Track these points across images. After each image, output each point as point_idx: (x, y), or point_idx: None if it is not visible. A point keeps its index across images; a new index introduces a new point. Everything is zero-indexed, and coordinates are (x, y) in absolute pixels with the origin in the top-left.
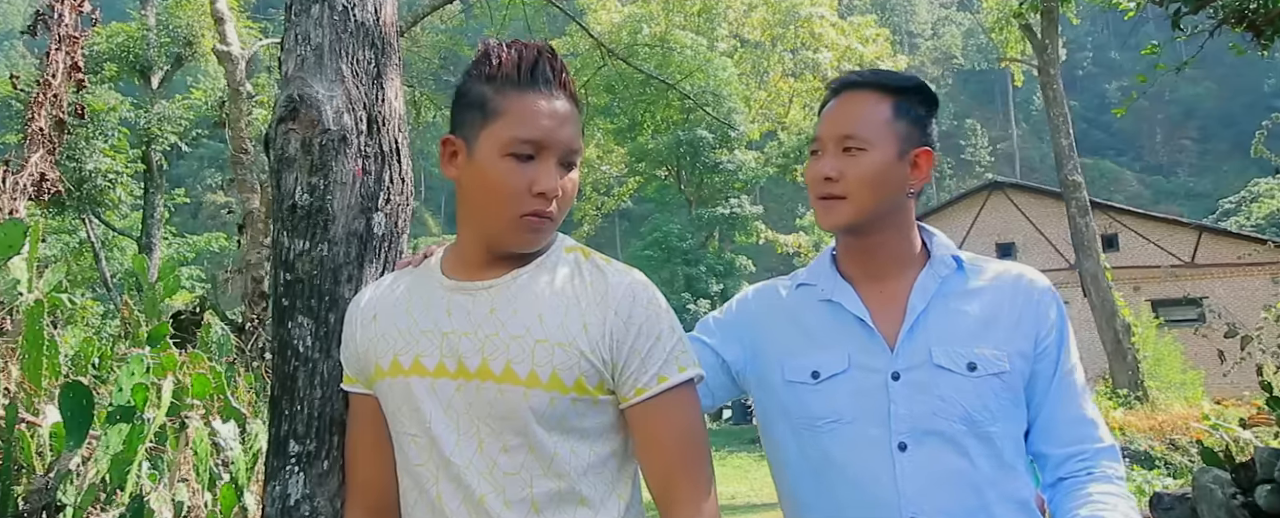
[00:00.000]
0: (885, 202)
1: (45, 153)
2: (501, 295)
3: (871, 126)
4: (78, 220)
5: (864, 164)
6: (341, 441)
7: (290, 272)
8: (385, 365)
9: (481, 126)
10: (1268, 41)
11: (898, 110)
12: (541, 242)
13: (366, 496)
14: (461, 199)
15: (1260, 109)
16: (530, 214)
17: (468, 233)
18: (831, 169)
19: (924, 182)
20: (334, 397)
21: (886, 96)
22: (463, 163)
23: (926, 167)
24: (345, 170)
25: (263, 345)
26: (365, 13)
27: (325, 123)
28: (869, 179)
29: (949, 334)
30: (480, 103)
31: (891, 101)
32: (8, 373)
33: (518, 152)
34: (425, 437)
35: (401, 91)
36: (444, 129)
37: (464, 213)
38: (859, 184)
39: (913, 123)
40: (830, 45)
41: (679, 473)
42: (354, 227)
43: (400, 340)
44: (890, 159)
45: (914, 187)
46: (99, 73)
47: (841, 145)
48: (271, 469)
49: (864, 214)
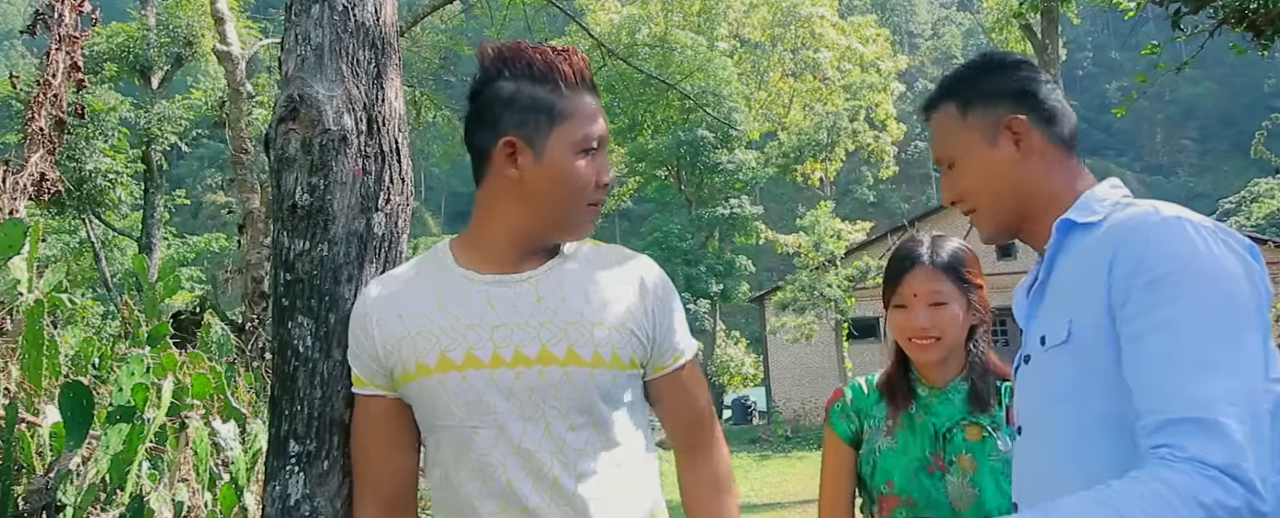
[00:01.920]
0: (1010, 194)
1: (45, 153)
2: (544, 285)
3: (952, 140)
4: (78, 220)
5: (966, 176)
6: (341, 440)
7: (290, 272)
8: (430, 363)
9: (551, 128)
10: (1268, 41)
11: (965, 107)
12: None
13: (378, 493)
14: (520, 197)
15: (1260, 109)
16: (594, 204)
17: (508, 227)
18: (951, 193)
19: (1035, 147)
20: (334, 397)
21: (951, 102)
22: (528, 163)
23: (1025, 131)
24: (345, 170)
25: (263, 345)
26: (365, 13)
27: (325, 123)
28: (978, 185)
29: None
30: (546, 107)
31: (956, 103)
32: (8, 373)
33: (588, 148)
34: (492, 427)
35: (401, 91)
36: (444, 129)
37: (516, 209)
38: (975, 194)
39: (987, 103)
40: (830, 45)
41: (707, 425)
42: (354, 227)
43: (444, 337)
44: (983, 155)
45: (1029, 157)
46: (99, 73)
47: (944, 166)
48: (271, 469)
49: (998, 215)
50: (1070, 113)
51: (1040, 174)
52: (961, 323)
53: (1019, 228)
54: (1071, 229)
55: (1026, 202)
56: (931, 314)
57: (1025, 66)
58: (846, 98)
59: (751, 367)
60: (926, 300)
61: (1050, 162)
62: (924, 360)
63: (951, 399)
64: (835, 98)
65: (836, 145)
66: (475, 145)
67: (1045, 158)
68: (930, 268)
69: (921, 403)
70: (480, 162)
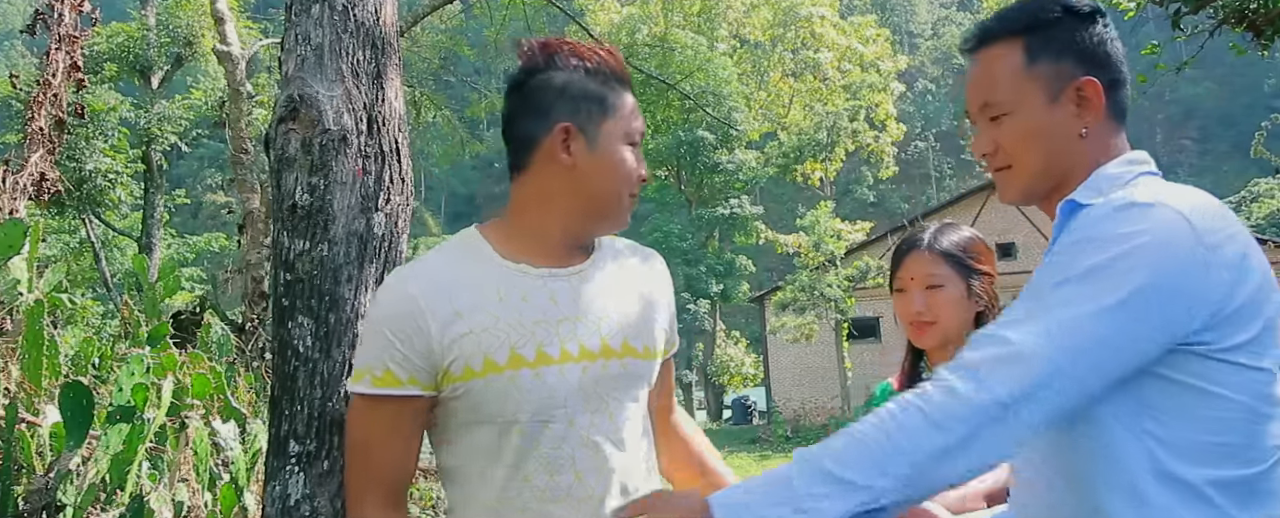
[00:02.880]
0: (1058, 158)
1: (45, 153)
2: (594, 279)
3: (1004, 86)
4: (78, 220)
5: (1014, 128)
6: (341, 441)
7: (290, 272)
8: (500, 360)
9: (603, 118)
10: (1268, 41)
11: (1032, 52)
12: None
13: (385, 490)
14: (570, 185)
15: (1260, 109)
16: (634, 196)
17: (557, 218)
18: (986, 143)
19: (1098, 116)
20: (334, 397)
21: (1015, 41)
22: (581, 150)
23: (1096, 97)
24: (345, 170)
25: (263, 345)
26: (365, 13)
27: (325, 123)
28: (1025, 143)
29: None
30: (598, 98)
31: (1020, 46)
32: (8, 373)
33: (634, 140)
34: (562, 421)
35: (401, 91)
36: (444, 129)
37: (567, 199)
38: (1014, 149)
39: (1059, 54)
40: (830, 45)
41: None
42: (354, 227)
43: (513, 334)
44: (1039, 109)
45: (1089, 124)
46: (99, 73)
47: (986, 115)
48: (271, 469)
49: (1031, 179)
50: (1129, 76)
51: (1089, 144)
52: (960, 308)
53: (1048, 196)
54: (1074, 211)
55: (1067, 172)
56: (927, 298)
57: (1101, 19)
58: (846, 98)
59: (751, 367)
60: (922, 284)
61: (1102, 132)
62: (921, 345)
63: None
64: (835, 98)
65: (836, 145)
66: (522, 134)
67: (1102, 128)
68: (927, 252)
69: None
70: (526, 150)
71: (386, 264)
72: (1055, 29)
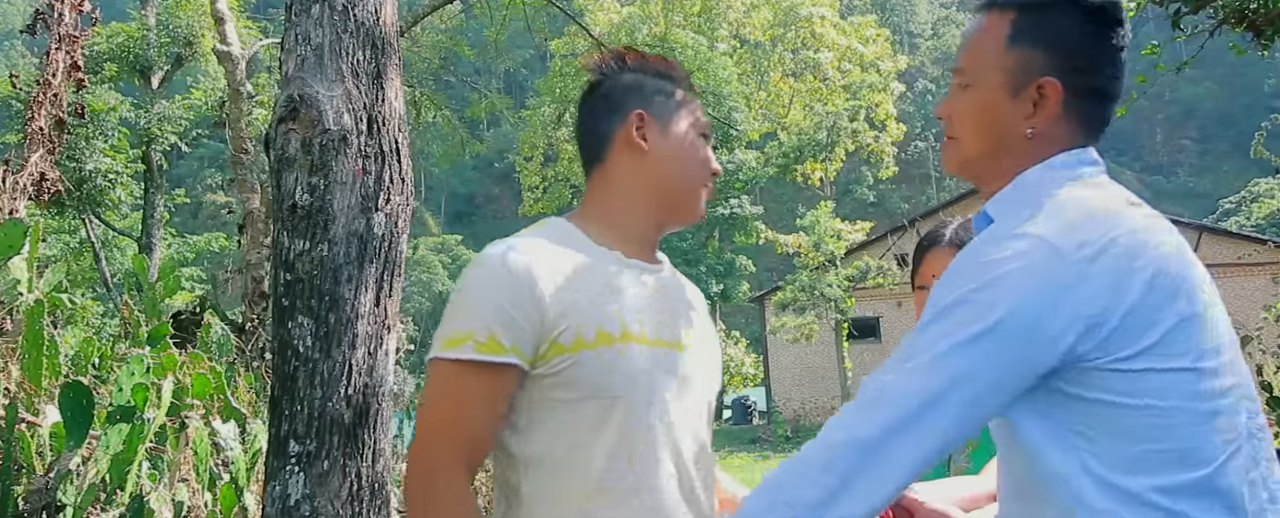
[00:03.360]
0: (995, 145)
1: (45, 153)
2: (672, 278)
3: (980, 56)
4: (78, 220)
5: (967, 102)
6: (341, 440)
7: (290, 272)
8: (614, 332)
9: (674, 108)
10: (1268, 41)
11: (1017, 32)
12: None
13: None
14: (646, 172)
15: (1260, 109)
16: (707, 187)
17: (636, 208)
18: (944, 108)
19: (1049, 119)
20: (334, 397)
21: (1006, 14)
22: (655, 136)
23: (1053, 99)
24: (345, 170)
25: (263, 345)
26: (365, 13)
27: (325, 123)
28: (972, 119)
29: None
30: (670, 92)
31: (1011, 20)
32: (8, 373)
33: (705, 133)
34: (666, 404)
35: (401, 91)
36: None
37: (644, 188)
38: (963, 124)
39: (1037, 43)
40: (831, 45)
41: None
42: (354, 227)
43: (625, 310)
44: (997, 95)
45: (1037, 125)
46: (99, 73)
47: (957, 79)
48: (271, 469)
49: (969, 159)
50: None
51: (1037, 146)
52: None
53: (986, 179)
54: (985, 223)
55: (1009, 165)
56: None
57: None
58: (846, 98)
59: (751, 367)
60: None
61: (1054, 137)
62: None
63: None
64: (835, 98)
65: (836, 145)
66: (596, 130)
67: (1053, 131)
68: (951, 247)
69: None
70: (602, 143)
71: (386, 264)
72: (1049, 13)
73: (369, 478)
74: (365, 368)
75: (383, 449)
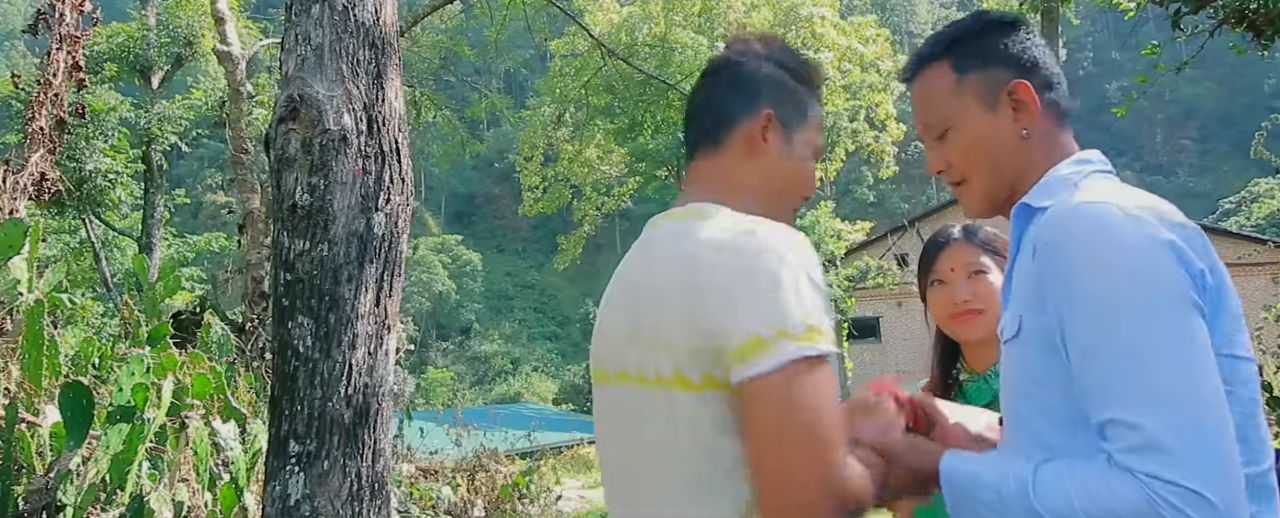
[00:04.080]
0: (1007, 166)
1: (45, 153)
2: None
3: (941, 103)
4: (78, 220)
5: (959, 144)
6: (341, 440)
7: (290, 272)
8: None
9: (802, 123)
10: (1268, 41)
11: (959, 67)
12: None
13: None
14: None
15: (1260, 109)
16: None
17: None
18: (937, 161)
19: (1033, 117)
20: (334, 397)
21: (942, 61)
22: (776, 143)
23: (1029, 98)
24: (345, 170)
25: (263, 345)
26: (365, 13)
27: (325, 123)
28: (972, 154)
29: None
30: (802, 103)
31: (949, 63)
32: (8, 373)
33: (816, 154)
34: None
35: (401, 91)
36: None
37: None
38: (967, 164)
39: (985, 65)
40: (831, 45)
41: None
42: (354, 227)
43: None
44: (980, 122)
45: (1028, 125)
46: (99, 73)
47: (931, 135)
48: (271, 469)
49: (985, 190)
50: (1064, 79)
51: (1035, 145)
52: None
53: (1010, 202)
54: (1030, 215)
55: (1020, 175)
56: (973, 285)
57: (1022, 26)
58: (846, 98)
59: None
60: (966, 271)
61: (1045, 132)
62: (969, 337)
63: (989, 382)
64: (835, 98)
65: (836, 145)
66: (723, 110)
67: (1042, 128)
68: (966, 242)
69: (962, 391)
70: (723, 127)
71: (386, 264)
72: (977, 41)
73: (369, 478)
74: (365, 368)
75: (383, 449)
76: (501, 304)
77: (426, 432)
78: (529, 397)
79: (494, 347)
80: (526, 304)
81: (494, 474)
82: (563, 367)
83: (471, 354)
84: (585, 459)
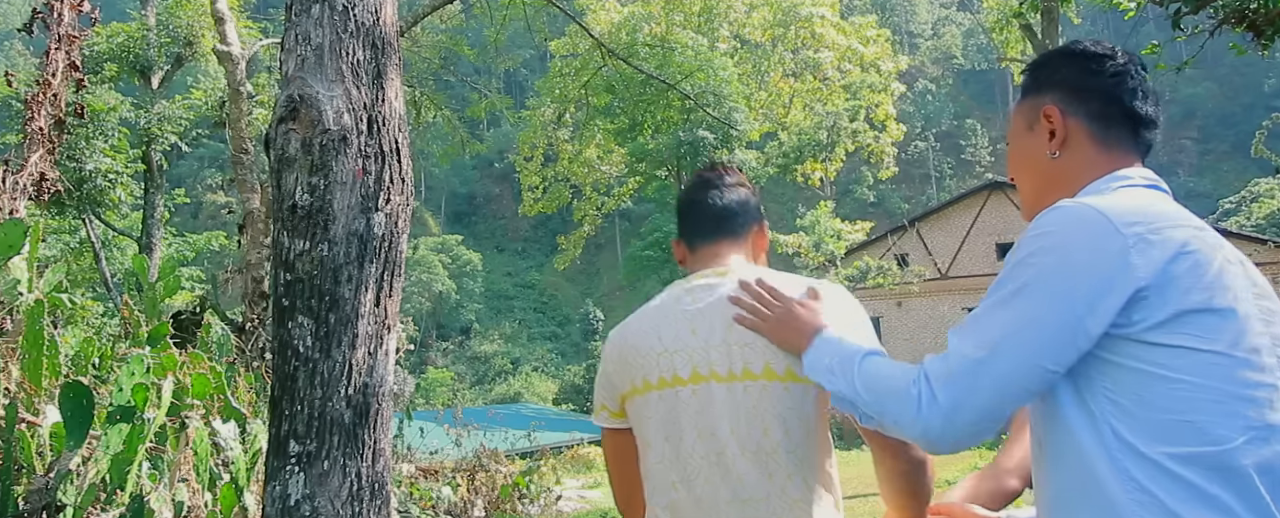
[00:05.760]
0: (1039, 180)
1: (45, 153)
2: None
3: (1011, 121)
4: (78, 220)
5: (1010, 154)
6: (341, 440)
7: (290, 272)
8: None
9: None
10: (1268, 41)
11: (1024, 89)
12: None
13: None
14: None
15: (1260, 109)
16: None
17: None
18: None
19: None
20: (334, 397)
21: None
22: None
23: (1055, 122)
24: (345, 170)
25: (263, 345)
26: (365, 13)
27: (325, 123)
28: (1014, 164)
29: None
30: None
31: (1023, 85)
32: (8, 373)
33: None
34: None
35: (401, 91)
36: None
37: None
38: (1014, 173)
39: (1038, 90)
40: (831, 45)
41: None
42: (354, 227)
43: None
44: (1021, 137)
45: (1056, 148)
46: (99, 73)
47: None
48: (271, 469)
49: (1025, 199)
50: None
51: (1068, 167)
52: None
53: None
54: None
55: (1054, 193)
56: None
57: (1094, 59)
58: (847, 98)
59: None
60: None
61: (1080, 154)
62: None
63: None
64: (835, 98)
65: (836, 145)
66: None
67: (1081, 152)
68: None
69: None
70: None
71: (386, 264)
72: (1042, 68)
73: (369, 478)
74: (365, 368)
75: (383, 449)
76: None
77: (426, 432)
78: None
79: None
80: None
81: (494, 474)
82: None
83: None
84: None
